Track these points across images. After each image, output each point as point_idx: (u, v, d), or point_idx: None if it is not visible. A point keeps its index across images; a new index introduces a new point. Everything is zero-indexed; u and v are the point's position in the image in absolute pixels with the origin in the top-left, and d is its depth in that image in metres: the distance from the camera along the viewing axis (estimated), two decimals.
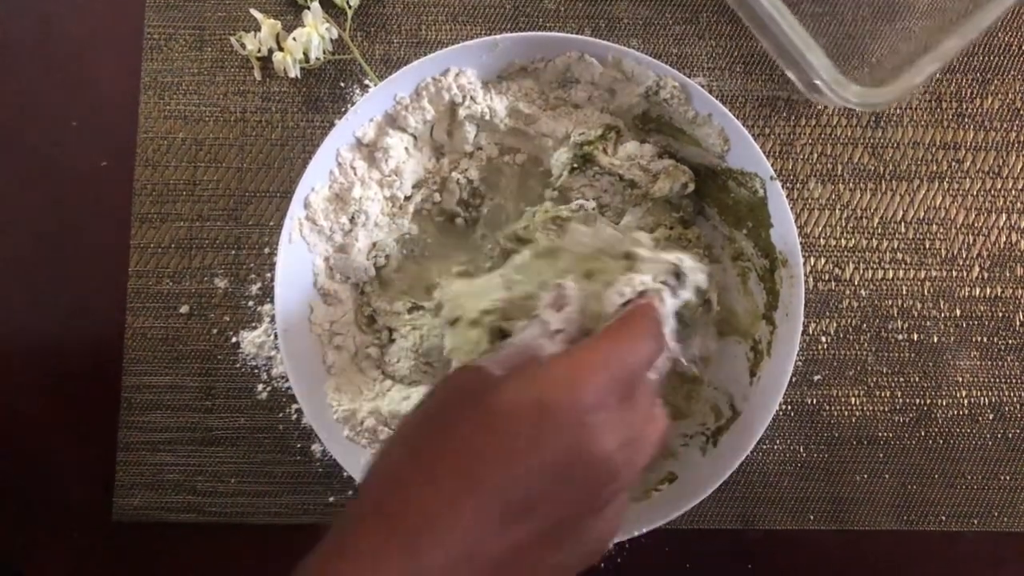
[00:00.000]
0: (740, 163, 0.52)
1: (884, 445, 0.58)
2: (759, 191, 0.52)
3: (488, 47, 0.52)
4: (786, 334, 0.51)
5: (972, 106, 0.60)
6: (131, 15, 0.61)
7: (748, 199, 0.53)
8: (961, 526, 0.57)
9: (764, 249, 0.53)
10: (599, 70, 0.52)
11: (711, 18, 0.61)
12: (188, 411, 0.58)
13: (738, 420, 0.52)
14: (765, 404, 0.51)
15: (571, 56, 0.52)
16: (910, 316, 0.59)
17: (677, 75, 0.51)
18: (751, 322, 0.54)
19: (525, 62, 0.53)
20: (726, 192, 0.54)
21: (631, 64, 0.51)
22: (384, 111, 0.53)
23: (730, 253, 0.55)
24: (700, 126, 0.52)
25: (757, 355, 0.53)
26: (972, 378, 0.58)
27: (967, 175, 0.60)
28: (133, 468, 0.57)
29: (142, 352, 0.58)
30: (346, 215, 0.52)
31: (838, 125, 0.60)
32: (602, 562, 0.56)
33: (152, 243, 0.59)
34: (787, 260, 0.51)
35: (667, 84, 0.51)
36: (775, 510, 0.57)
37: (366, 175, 0.53)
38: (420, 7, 0.61)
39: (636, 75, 0.52)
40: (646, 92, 0.52)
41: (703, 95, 0.51)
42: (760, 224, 0.53)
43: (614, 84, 0.53)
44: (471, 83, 0.53)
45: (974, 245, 0.59)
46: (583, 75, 0.53)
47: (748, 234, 0.54)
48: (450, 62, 0.52)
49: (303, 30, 0.58)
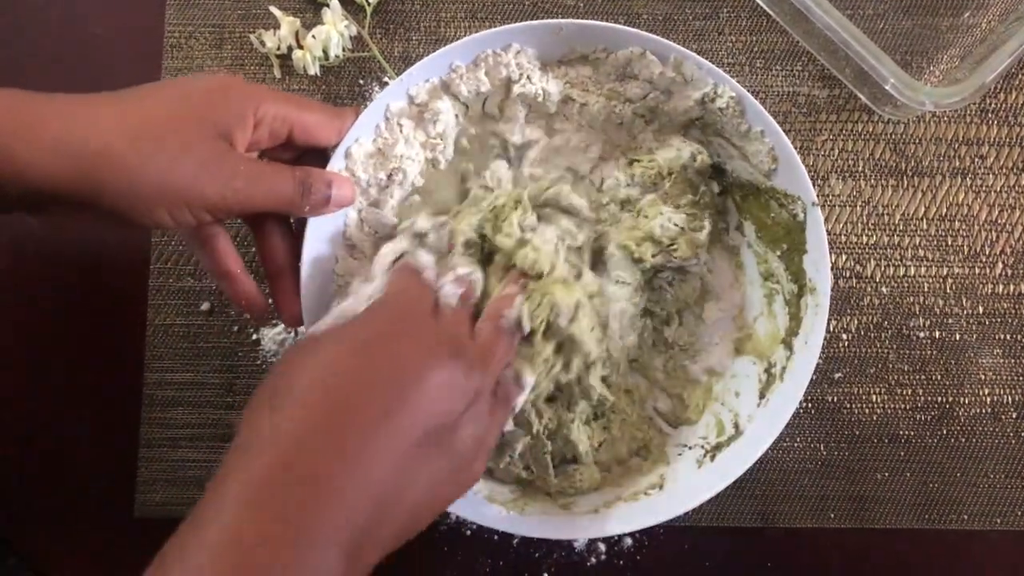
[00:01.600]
0: (785, 184, 0.51)
1: (905, 443, 0.58)
2: (799, 215, 0.51)
3: (552, 30, 0.51)
4: (802, 362, 0.51)
5: (995, 101, 0.60)
6: (152, 14, 0.61)
7: (787, 222, 0.52)
8: (983, 525, 0.57)
9: (795, 274, 0.52)
10: (659, 69, 0.51)
11: (731, 13, 0.61)
12: (209, 407, 0.58)
13: (739, 439, 0.52)
14: (769, 428, 0.50)
15: (633, 52, 0.51)
16: (932, 313, 0.58)
17: (735, 85, 0.50)
18: (770, 344, 0.53)
19: (587, 50, 0.52)
20: (767, 211, 0.53)
21: (691, 68, 0.51)
22: (439, 77, 0.52)
23: (761, 271, 0.55)
24: (751, 141, 0.51)
25: (770, 378, 0.53)
26: (995, 376, 0.58)
27: (990, 171, 0.59)
28: (155, 464, 0.58)
29: (164, 349, 0.59)
30: (385, 171, 0.52)
31: (859, 121, 0.60)
32: (620, 559, 0.56)
33: (173, 240, 0.60)
34: (816, 288, 0.51)
35: (724, 93, 0.50)
36: (795, 508, 0.57)
37: (411, 134, 0.52)
38: (439, 4, 0.61)
39: (695, 79, 0.51)
40: (702, 98, 0.51)
41: (758, 110, 0.50)
42: (795, 248, 0.52)
43: (672, 86, 0.52)
44: (530, 63, 0.52)
45: (997, 242, 0.59)
46: (642, 72, 0.52)
47: (781, 256, 0.53)
48: (513, 38, 0.51)
49: (322, 27, 0.58)
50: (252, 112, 0.45)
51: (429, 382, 0.39)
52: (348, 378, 0.39)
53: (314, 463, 0.36)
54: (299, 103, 0.47)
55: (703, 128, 0.53)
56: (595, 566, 0.56)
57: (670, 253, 0.53)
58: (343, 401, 0.38)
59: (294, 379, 0.39)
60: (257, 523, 0.34)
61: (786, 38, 0.60)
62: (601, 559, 0.56)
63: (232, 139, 0.44)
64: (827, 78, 0.60)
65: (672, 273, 0.55)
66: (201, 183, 0.42)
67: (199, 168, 0.42)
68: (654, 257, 0.53)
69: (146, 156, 0.41)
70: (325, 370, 0.39)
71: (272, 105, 0.46)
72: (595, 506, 0.52)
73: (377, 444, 0.37)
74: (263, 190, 0.44)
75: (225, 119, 0.44)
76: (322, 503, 0.35)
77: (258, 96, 0.45)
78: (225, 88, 0.45)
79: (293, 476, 0.36)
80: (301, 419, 0.37)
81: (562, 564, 0.56)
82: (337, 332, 0.42)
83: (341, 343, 0.40)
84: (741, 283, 0.56)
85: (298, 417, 0.37)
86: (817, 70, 0.60)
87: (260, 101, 0.45)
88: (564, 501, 0.52)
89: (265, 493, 0.35)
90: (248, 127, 0.45)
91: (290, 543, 0.34)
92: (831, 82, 0.60)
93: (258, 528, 0.34)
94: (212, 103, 0.44)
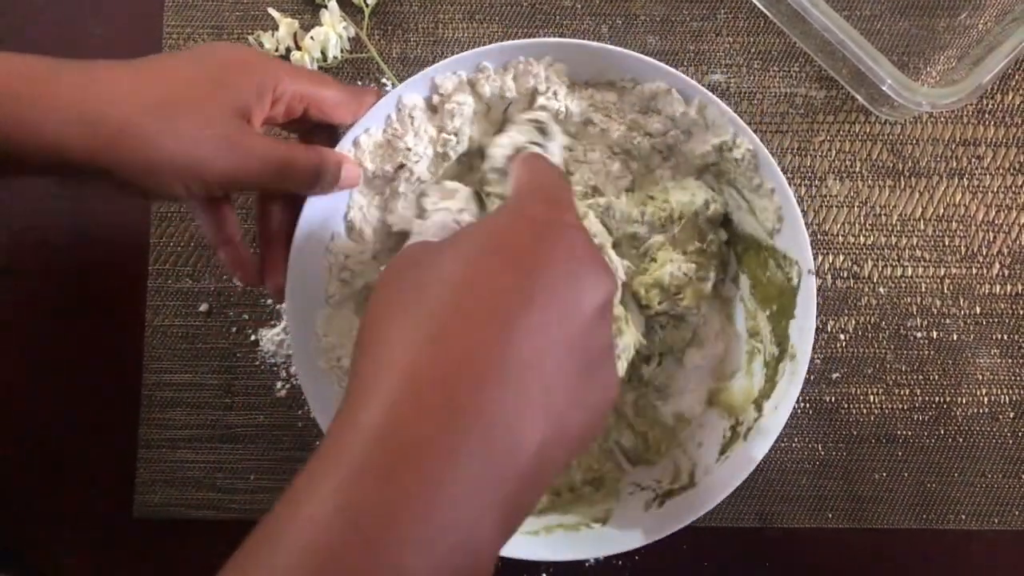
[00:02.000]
0: (785, 246, 0.51)
1: (903, 443, 0.58)
2: (794, 280, 0.50)
3: (585, 51, 0.51)
4: (768, 426, 0.50)
5: (993, 102, 0.60)
6: (151, 15, 0.61)
7: (781, 283, 0.51)
8: (981, 525, 0.57)
9: (779, 337, 0.52)
10: (682, 108, 0.51)
11: (728, 14, 0.61)
12: (208, 408, 0.58)
13: (691, 490, 0.51)
14: (721, 486, 0.49)
15: (660, 87, 0.51)
16: (929, 314, 0.59)
17: (754, 139, 0.50)
18: (742, 402, 0.53)
19: (615, 77, 0.52)
20: (764, 269, 0.53)
21: (714, 113, 0.50)
22: (466, 74, 0.52)
23: (748, 327, 0.54)
24: (761, 197, 0.51)
25: (734, 435, 0.52)
26: (992, 376, 0.58)
27: (987, 171, 0.60)
28: (154, 465, 0.58)
29: (162, 350, 0.59)
30: (392, 164, 0.51)
31: (856, 122, 0.60)
32: (619, 559, 0.56)
33: (172, 241, 0.60)
34: (796, 356, 0.50)
35: (742, 144, 0.50)
36: (793, 508, 0.57)
37: (423, 127, 0.52)
38: (437, 5, 0.61)
39: (716, 125, 0.50)
40: (720, 145, 0.51)
41: (772, 167, 0.49)
42: (783, 312, 0.51)
43: (693, 127, 0.51)
44: (559, 79, 0.52)
45: (994, 242, 0.59)
46: (666, 108, 0.51)
47: (769, 317, 0.52)
48: (549, 52, 0.51)
49: (321, 29, 0.58)
50: (271, 89, 0.45)
51: (590, 300, 0.33)
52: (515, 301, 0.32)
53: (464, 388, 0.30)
54: (318, 80, 0.47)
55: (717, 175, 0.53)
56: (593, 567, 0.56)
57: (676, 302, 0.52)
58: (501, 316, 0.31)
59: (425, 292, 0.33)
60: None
61: (783, 39, 0.60)
62: (599, 559, 0.56)
63: (250, 115, 0.44)
64: (824, 79, 0.60)
65: (668, 318, 0.54)
66: (217, 160, 0.42)
67: (216, 145, 0.42)
68: (659, 304, 0.52)
69: (164, 131, 0.41)
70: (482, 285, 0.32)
71: (291, 83, 0.45)
72: (535, 529, 0.51)
73: (545, 370, 0.31)
74: (276, 170, 0.44)
75: (244, 96, 0.44)
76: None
77: (278, 73, 0.45)
78: (244, 63, 0.44)
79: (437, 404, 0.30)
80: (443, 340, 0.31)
81: (560, 565, 0.56)
82: (469, 234, 0.35)
83: (483, 249, 0.34)
84: (727, 335, 0.55)
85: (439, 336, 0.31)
86: (814, 71, 0.60)
87: (280, 78, 0.45)
88: None
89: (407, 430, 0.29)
90: (266, 104, 0.45)
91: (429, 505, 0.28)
92: (828, 83, 0.60)
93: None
94: (231, 78, 0.44)
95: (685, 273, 0.52)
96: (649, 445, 0.54)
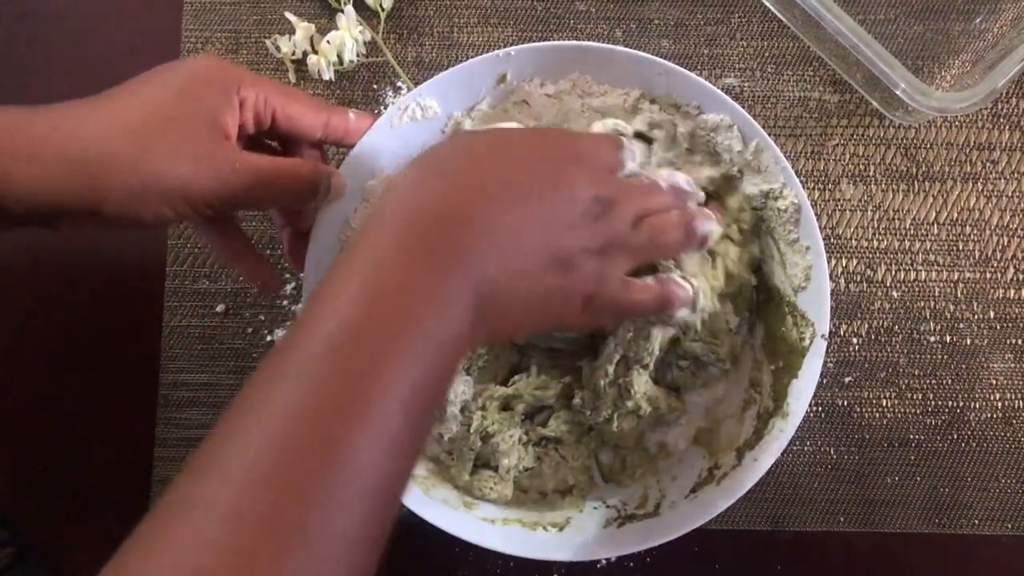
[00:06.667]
0: (806, 306, 0.51)
1: (916, 448, 0.58)
2: (807, 341, 0.50)
3: (657, 68, 0.51)
4: (742, 477, 0.50)
5: (1007, 106, 0.60)
6: (169, 19, 0.62)
7: (793, 342, 0.51)
8: (994, 530, 0.57)
9: (777, 393, 0.52)
10: (739, 147, 0.51)
11: (742, 19, 0.61)
12: (224, 408, 0.59)
13: (651, 519, 0.51)
14: (681, 523, 0.49)
15: (723, 120, 0.51)
16: (943, 318, 0.58)
17: (801, 193, 0.50)
18: (726, 447, 0.53)
19: (682, 101, 0.52)
20: (780, 323, 0.52)
21: (768, 160, 0.50)
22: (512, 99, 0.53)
23: (751, 377, 0.54)
24: (795, 252, 0.51)
25: (709, 477, 0.52)
26: (1006, 381, 0.58)
27: (1001, 176, 0.59)
28: (170, 464, 0.59)
29: (179, 350, 0.59)
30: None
31: (870, 126, 0.60)
32: (630, 560, 0.56)
33: (189, 243, 0.60)
34: (788, 415, 0.50)
35: (788, 196, 0.50)
36: (805, 511, 0.57)
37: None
38: (452, 9, 0.61)
39: (767, 171, 0.50)
40: (768, 192, 0.51)
41: (812, 226, 0.49)
42: (788, 369, 0.51)
43: (745, 168, 0.51)
44: (617, 103, 0.53)
45: (1008, 247, 0.59)
46: (723, 142, 0.51)
47: (774, 371, 0.52)
48: (623, 71, 0.52)
49: (337, 33, 0.59)
50: (235, 92, 0.45)
51: (569, 194, 0.41)
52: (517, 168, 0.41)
53: (461, 210, 0.38)
54: (280, 88, 0.48)
55: (758, 221, 0.53)
56: (605, 568, 0.56)
57: (713, 347, 0.52)
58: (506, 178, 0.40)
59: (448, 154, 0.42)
60: (405, 248, 0.37)
61: (797, 43, 0.60)
62: (611, 560, 0.56)
63: (224, 125, 0.44)
64: (838, 83, 0.60)
65: (689, 362, 0.54)
66: (199, 176, 0.43)
67: (196, 160, 0.43)
68: (693, 342, 0.52)
69: (144, 154, 0.42)
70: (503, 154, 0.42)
71: (252, 86, 0.46)
72: (493, 518, 0.52)
73: (521, 228, 0.39)
74: (264, 183, 0.45)
75: (213, 105, 0.44)
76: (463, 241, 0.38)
77: (240, 77, 0.46)
78: (207, 72, 0.45)
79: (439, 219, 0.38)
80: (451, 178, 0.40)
81: (573, 565, 0.56)
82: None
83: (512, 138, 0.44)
84: (730, 379, 0.55)
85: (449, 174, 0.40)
86: (828, 75, 0.60)
87: (240, 81, 0.45)
88: (467, 500, 0.52)
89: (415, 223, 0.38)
90: (235, 108, 0.45)
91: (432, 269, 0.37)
92: (842, 87, 0.60)
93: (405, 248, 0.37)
94: (197, 90, 0.44)
95: (728, 322, 0.52)
96: (625, 467, 0.54)
